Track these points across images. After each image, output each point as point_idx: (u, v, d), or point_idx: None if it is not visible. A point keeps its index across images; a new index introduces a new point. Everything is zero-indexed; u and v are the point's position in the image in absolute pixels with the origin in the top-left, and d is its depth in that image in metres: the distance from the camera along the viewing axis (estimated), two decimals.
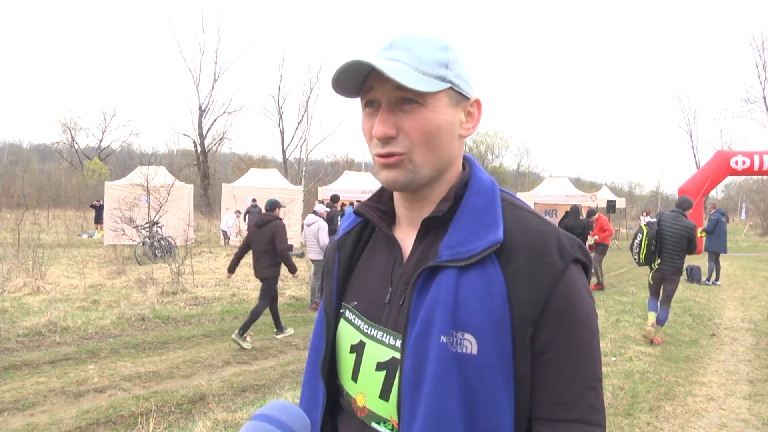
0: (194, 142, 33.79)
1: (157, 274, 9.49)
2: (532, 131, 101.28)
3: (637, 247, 6.26)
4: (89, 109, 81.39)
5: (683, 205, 6.18)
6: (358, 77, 0.81)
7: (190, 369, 5.12)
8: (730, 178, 31.39)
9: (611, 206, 20.11)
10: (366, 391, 0.86)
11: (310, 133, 39.46)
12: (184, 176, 30.86)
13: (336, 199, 10.15)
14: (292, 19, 75.67)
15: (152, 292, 8.13)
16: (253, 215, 16.00)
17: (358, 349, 0.88)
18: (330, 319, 0.93)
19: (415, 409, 0.77)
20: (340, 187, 18.11)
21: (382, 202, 0.96)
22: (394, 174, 0.83)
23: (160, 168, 16.84)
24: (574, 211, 9.83)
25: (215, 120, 34.81)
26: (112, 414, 3.99)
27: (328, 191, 17.89)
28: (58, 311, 6.83)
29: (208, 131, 34.47)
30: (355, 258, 0.97)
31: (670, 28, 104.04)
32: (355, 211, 0.97)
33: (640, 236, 6.25)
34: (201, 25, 57.60)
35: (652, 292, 6.33)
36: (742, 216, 41.34)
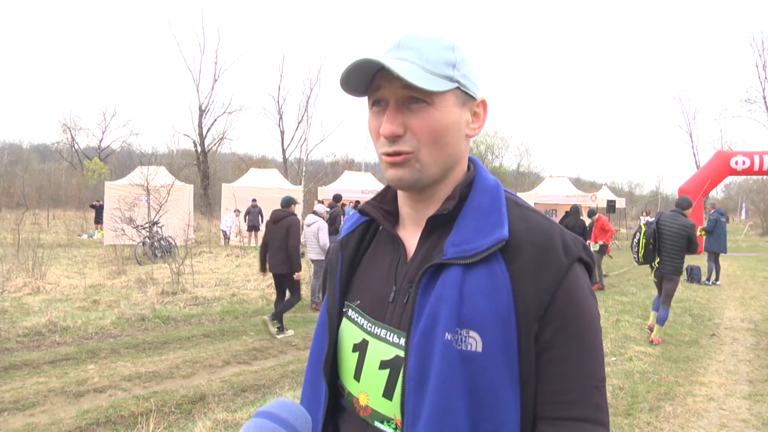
0: (194, 142, 33.80)
1: (157, 274, 9.49)
2: (532, 131, 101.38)
3: (636, 246, 6.33)
4: (89, 109, 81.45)
5: (682, 205, 6.19)
6: (366, 76, 0.81)
7: (190, 369, 5.12)
8: (730, 178, 31.43)
9: (611, 206, 20.11)
10: (369, 390, 0.86)
11: (310, 133, 39.47)
12: (184, 176, 30.86)
13: (338, 199, 10.17)
14: (292, 19, 75.74)
15: (152, 292, 8.13)
16: (253, 215, 16.08)
17: (361, 348, 0.88)
18: (332, 318, 0.93)
19: (419, 408, 0.77)
20: (340, 187, 18.10)
21: (386, 202, 0.97)
22: (401, 173, 0.83)
23: (160, 168, 16.84)
24: (574, 211, 9.83)
25: (215, 120, 34.85)
26: (112, 414, 3.99)
27: (328, 191, 17.89)
28: (58, 311, 6.83)
29: (208, 131, 34.50)
30: (359, 258, 0.97)
31: (670, 28, 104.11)
32: (360, 210, 0.97)
33: (638, 235, 6.32)
34: (201, 25, 57.70)
35: (659, 291, 6.38)
36: (742, 216, 41.35)
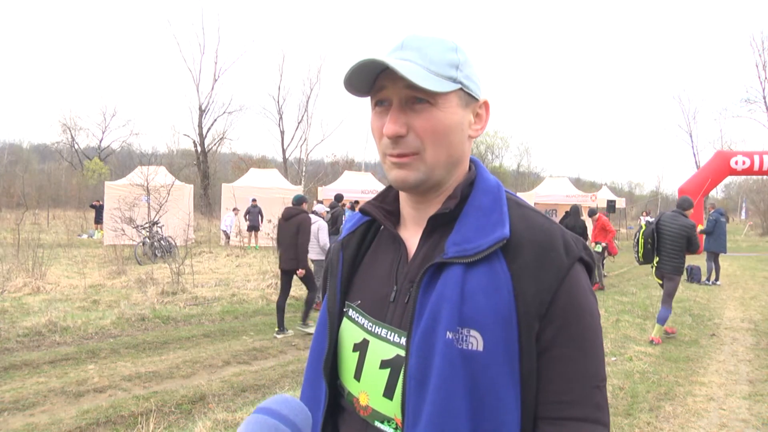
0: (194, 142, 33.81)
1: (157, 274, 9.49)
2: (532, 131, 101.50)
3: (636, 245, 6.41)
4: (89, 109, 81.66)
5: (683, 206, 6.23)
6: (370, 76, 0.82)
7: (190, 369, 5.12)
8: (730, 178, 31.42)
9: (611, 206, 20.12)
10: (369, 390, 0.85)
11: (310, 133, 39.57)
12: (184, 176, 30.85)
13: (340, 199, 10.19)
14: (292, 19, 75.78)
15: (152, 292, 8.13)
16: (253, 215, 16.08)
17: (362, 348, 0.88)
18: (333, 318, 0.93)
19: (420, 407, 0.77)
20: (340, 187, 18.09)
21: (387, 202, 0.97)
22: (404, 173, 0.83)
23: (160, 168, 16.84)
24: (575, 211, 9.83)
25: (215, 120, 34.90)
26: (112, 414, 3.99)
27: (328, 191, 17.88)
28: (58, 311, 6.83)
29: (208, 131, 34.52)
30: (359, 258, 0.97)
31: (670, 28, 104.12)
32: (361, 210, 0.97)
33: (638, 234, 6.38)
34: (201, 25, 57.85)
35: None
36: (742, 216, 41.37)
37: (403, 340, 0.81)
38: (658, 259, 6.17)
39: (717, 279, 11.45)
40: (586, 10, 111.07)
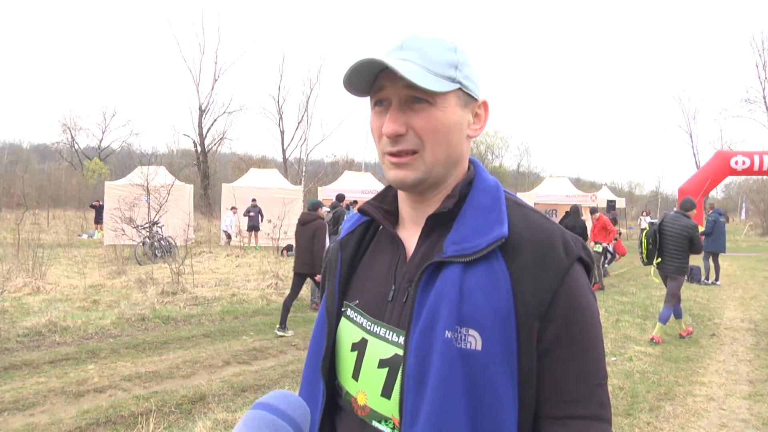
0: (194, 142, 33.80)
1: (157, 274, 9.49)
2: (532, 131, 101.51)
3: (639, 246, 6.56)
4: (89, 109, 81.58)
5: (685, 206, 6.32)
6: (369, 76, 0.82)
7: (190, 369, 5.12)
8: (730, 178, 31.41)
9: (611, 206, 20.13)
10: (367, 389, 0.85)
11: (310, 133, 39.51)
12: (184, 176, 30.85)
13: (341, 198, 10.21)
14: (292, 19, 75.74)
15: (152, 292, 8.13)
16: (253, 215, 16.08)
17: (360, 347, 0.88)
18: (331, 317, 0.93)
19: (418, 406, 0.77)
20: (340, 187, 18.08)
21: (386, 202, 0.97)
22: (403, 173, 0.83)
23: (160, 168, 16.84)
24: (575, 211, 9.84)
25: (215, 120, 34.87)
26: (112, 414, 3.99)
27: (328, 191, 17.87)
28: (58, 311, 6.82)
29: (208, 131, 34.50)
30: (358, 258, 0.97)
31: (670, 28, 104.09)
32: (360, 210, 0.97)
33: (641, 235, 6.51)
34: (201, 25, 57.65)
35: None
36: (742, 216, 41.35)
37: (402, 340, 0.81)
38: (660, 259, 6.27)
39: (717, 279, 11.47)
40: (586, 10, 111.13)
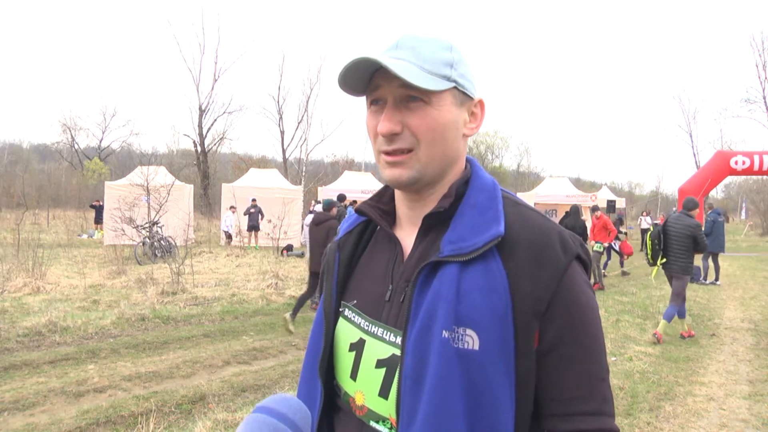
0: (194, 142, 33.79)
1: (157, 274, 9.49)
2: (532, 131, 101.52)
3: (643, 246, 6.63)
4: (89, 109, 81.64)
5: (688, 206, 6.37)
6: (365, 75, 0.82)
7: (190, 369, 5.12)
8: (730, 178, 31.40)
9: (611, 206, 20.13)
10: (365, 390, 0.85)
11: (310, 133, 39.53)
12: (184, 176, 30.84)
13: (342, 199, 10.23)
14: (292, 19, 75.73)
15: (152, 292, 8.13)
16: (253, 215, 16.07)
17: (358, 347, 0.88)
18: (329, 318, 0.93)
19: (415, 407, 0.76)
20: (340, 187, 18.09)
21: (383, 202, 0.97)
22: (398, 172, 0.83)
23: (160, 168, 16.84)
24: (575, 211, 9.85)
25: (215, 120, 34.86)
26: (112, 414, 3.99)
27: (328, 191, 17.87)
28: (58, 311, 6.82)
29: (208, 131, 34.50)
30: (356, 258, 0.97)
31: (670, 28, 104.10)
32: (357, 210, 0.97)
33: (646, 236, 6.63)
34: (201, 25, 57.59)
35: None
36: (742, 216, 41.34)
37: (399, 340, 0.81)
38: (665, 259, 6.32)
39: (717, 279, 11.48)
40: (586, 10, 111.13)
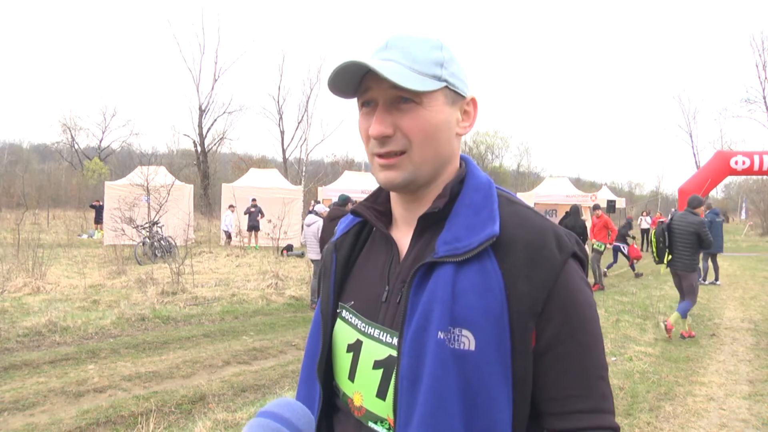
0: (194, 142, 33.79)
1: (157, 274, 9.49)
2: (532, 131, 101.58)
3: (649, 246, 6.72)
4: (89, 109, 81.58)
5: (692, 204, 6.40)
6: (355, 78, 0.81)
7: (190, 369, 5.12)
8: (730, 178, 31.40)
9: (611, 206, 20.12)
10: (363, 391, 0.86)
11: (310, 133, 39.52)
12: (184, 176, 30.83)
13: (346, 202, 10.23)
14: (292, 19, 75.71)
15: (152, 292, 8.13)
16: (253, 215, 16.07)
17: (355, 348, 0.88)
18: (326, 319, 0.93)
19: (412, 407, 0.76)
20: (340, 187, 18.09)
21: (379, 203, 0.97)
22: (392, 174, 0.83)
23: (160, 168, 16.83)
24: (575, 211, 9.84)
25: (215, 120, 34.85)
26: (112, 414, 3.99)
27: (328, 191, 17.88)
28: (58, 311, 6.82)
29: (208, 131, 34.49)
30: (353, 259, 0.97)
31: (670, 28, 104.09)
32: (352, 211, 0.97)
33: (650, 235, 6.68)
34: (201, 25, 57.48)
35: (680, 293, 6.62)
36: (742, 216, 41.33)
37: (395, 341, 0.81)
38: (670, 257, 6.38)
39: (717, 279, 11.48)
40: (586, 9, 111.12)
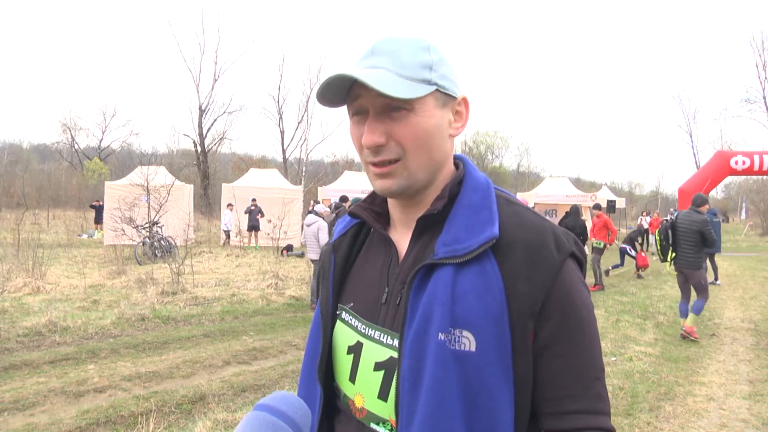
0: (194, 142, 33.79)
1: (157, 274, 9.49)
2: (532, 131, 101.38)
3: (654, 245, 6.78)
4: (89, 109, 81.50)
5: (696, 202, 6.42)
6: (343, 88, 0.81)
7: (190, 369, 5.12)
8: (730, 178, 31.43)
9: (611, 206, 20.12)
10: (364, 392, 0.86)
11: (310, 133, 39.57)
12: (184, 176, 30.85)
13: (345, 199, 10.25)
14: (292, 19, 75.68)
15: (152, 292, 8.13)
16: (253, 213, 16.06)
17: (356, 350, 0.88)
18: (326, 321, 0.93)
19: (413, 408, 0.77)
20: (340, 187, 18.09)
21: (376, 204, 0.96)
22: (388, 183, 0.83)
23: (160, 168, 16.83)
24: (575, 211, 9.84)
25: (215, 120, 34.86)
26: (112, 414, 3.99)
27: (328, 191, 17.88)
28: (58, 311, 6.82)
29: (208, 131, 34.50)
30: (351, 260, 0.97)
31: (670, 28, 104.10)
32: (350, 213, 0.97)
33: (655, 234, 6.78)
34: (201, 25, 57.59)
35: (681, 292, 6.63)
36: (742, 216, 41.35)
37: (396, 342, 0.81)
38: (675, 255, 6.42)
39: (716, 279, 11.48)
40: (586, 9, 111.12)
